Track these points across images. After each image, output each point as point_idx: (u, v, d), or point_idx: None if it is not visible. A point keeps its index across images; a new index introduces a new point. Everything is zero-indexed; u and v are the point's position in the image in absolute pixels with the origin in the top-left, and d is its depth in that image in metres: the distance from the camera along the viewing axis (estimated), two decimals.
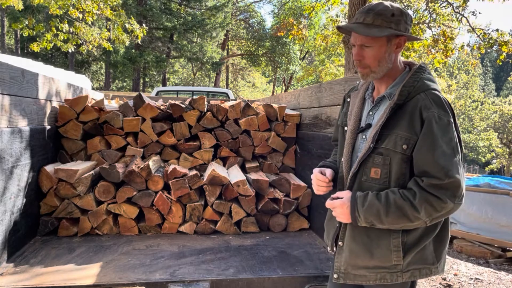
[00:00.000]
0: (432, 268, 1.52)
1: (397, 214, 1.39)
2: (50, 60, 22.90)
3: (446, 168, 1.36)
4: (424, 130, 1.41)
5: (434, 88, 1.49)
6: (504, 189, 6.33)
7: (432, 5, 8.76)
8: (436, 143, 1.38)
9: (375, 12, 1.49)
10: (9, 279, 1.88)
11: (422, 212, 1.37)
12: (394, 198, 1.40)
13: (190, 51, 20.94)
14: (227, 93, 8.63)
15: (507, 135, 24.03)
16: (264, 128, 3.22)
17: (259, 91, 32.95)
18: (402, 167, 1.46)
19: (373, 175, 1.49)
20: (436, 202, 1.36)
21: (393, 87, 1.56)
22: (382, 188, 1.47)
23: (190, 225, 2.76)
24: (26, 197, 2.37)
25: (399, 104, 1.47)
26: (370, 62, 1.52)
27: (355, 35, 1.52)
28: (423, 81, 1.50)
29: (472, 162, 38.84)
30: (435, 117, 1.41)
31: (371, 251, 1.49)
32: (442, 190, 1.36)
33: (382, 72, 1.54)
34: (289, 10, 19.43)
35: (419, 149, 1.41)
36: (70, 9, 7.71)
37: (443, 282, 4.55)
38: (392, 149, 1.45)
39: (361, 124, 1.62)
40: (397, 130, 1.45)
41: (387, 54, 1.52)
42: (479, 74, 38.25)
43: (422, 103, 1.44)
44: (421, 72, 1.53)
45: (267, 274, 2.04)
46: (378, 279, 1.50)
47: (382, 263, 1.49)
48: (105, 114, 2.96)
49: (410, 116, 1.44)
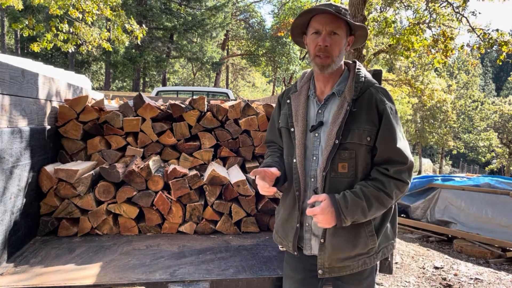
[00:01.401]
0: (393, 243, 1.72)
1: (376, 205, 1.51)
2: (50, 60, 22.91)
3: (406, 153, 1.54)
4: (384, 122, 1.55)
5: (376, 82, 1.66)
6: (504, 189, 6.33)
7: (432, 5, 8.77)
8: (394, 132, 1.54)
9: (340, 6, 1.61)
10: (9, 279, 1.88)
11: (394, 197, 1.52)
12: (370, 191, 1.51)
13: (190, 51, 20.94)
14: (227, 93, 8.63)
15: (507, 135, 24.03)
16: (264, 128, 3.22)
17: (259, 91, 32.95)
18: (367, 158, 1.57)
19: (341, 169, 1.57)
20: (401, 185, 1.52)
21: (340, 84, 1.64)
22: (350, 180, 1.56)
23: (190, 225, 2.76)
24: (26, 197, 2.37)
25: (355, 99, 1.57)
26: (333, 50, 1.57)
27: (325, 20, 1.56)
28: (367, 77, 1.65)
29: (472, 162, 38.84)
30: (389, 109, 1.57)
31: (353, 242, 1.58)
32: (405, 174, 1.52)
33: (338, 65, 1.62)
34: (289, 10, 19.42)
35: (381, 139, 1.54)
36: (70, 9, 7.72)
37: (443, 282, 4.55)
38: (358, 142, 1.55)
39: (311, 123, 1.65)
40: (358, 124, 1.55)
41: (343, 48, 1.62)
42: (479, 74, 38.25)
43: (375, 96, 1.58)
44: (361, 69, 1.66)
45: (267, 274, 2.04)
46: (360, 265, 1.60)
47: (362, 250, 1.59)
48: (105, 114, 2.96)
49: (367, 110, 1.56)
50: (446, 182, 7.24)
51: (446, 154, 36.47)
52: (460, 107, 27.28)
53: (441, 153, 30.45)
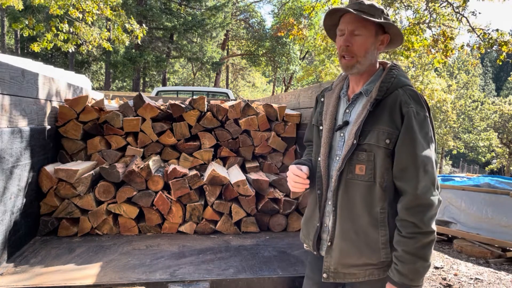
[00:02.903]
0: None
1: (423, 252, 1.40)
2: (50, 60, 22.91)
3: (424, 163, 1.41)
4: (405, 125, 1.44)
5: (410, 84, 1.54)
6: (504, 189, 6.33)
7: (432, 5, 8.76)
8: (415, 137, 1.43)
9: (369, 4, 1.54)
10: (9, 279, 1.88)
11: (430, 226, 1.40)
12: (411, 247, 1.40)
13: (190, 51, 20.94)
14: (227, 93, 8.62)
15: (507, 135, 24.02)
16: (264, 128, 3.22)
17: (259, 91, 32.95)
18: (386, 162, 1.47)
19: (358, 171, 1.50)
20: (428, 210, 1.39)
21: (369, 84, 1.58)
22: (368, 185, 1.48)
23: (190, 225, 2.76)
24: (26, 197, 2.37)
25: (378, 99, 1.50)
26: (358, 50, 1.52)
27: (347, 20, 1.53)
28: (399, 78, 1.55)
29: (472, 162, 38.83)
30: (414, 112, 1.45)
31: (360, 249, 1.50)
32: (429, 192, 1.40)
33: (365, 65, 1.56)
34: (289, 10, 19.43)
35: (400, 144, 1.44)
36: (70, 9, 7.72)
37: (443, 282, 4.55)
38: (375, 144, 1.47)
39: (338, 122, 1.63)
40: (379, 125, 1.47)
41: (373, 47, 1.55)
42: (479, 74, 38.24)
43: (401, 98, 1.47)
44: (395, 70, 1.58)
45: (267, 274, 2.04)
46: (367, 275, 1.52)
47: (371, 260, 1.50)
48: (105, 114, 2.96)
49: (390, 111, 1.47)
50: (446, 182, 7.24)
51: (446, 154, 36.47)
52: (460, 107, 27.25)
53: (441, 153, 30.47)
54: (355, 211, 1.50)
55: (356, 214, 1.50)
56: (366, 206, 1.48)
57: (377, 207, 1.47)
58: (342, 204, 1.53)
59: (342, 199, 1.53)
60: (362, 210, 1.49)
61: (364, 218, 1.48)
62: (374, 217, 1.47)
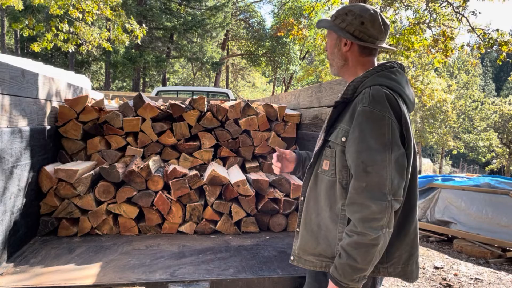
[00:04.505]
0: (384, 268, 1.59)
1: (355, 252, 1.36)
2: (50, 60, 22.90)
3: (365, 164, 1.36)
4: (353, 123, 1.43)
5: (383, 84, 1.47)
6: (504, 189, 6.32)
7: (432, 5, 8.76)
8: (360, 136, 1.39)
9: (335, 10, 1.67)
10: (9, 279, 1.88)
11: (358, 227, 1.36)
12: (346, 242, 1.39)
13: (190, 51, 20.95)
14: (227, 93, 8.62)
15: (507, 135, 24.03)
16: (264, 128, 3.22)
17: (259, 91, 32.94)
18: (343, 159, 1.48)
19: (324, 166, 1.56)
20: (360, 210, 1.36)
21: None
22: (331, 180, 1.52)
23: (190, 225, 2.75)
24: (26, 197, 2.37)
25: (345, 97, 1.55)
26: (328, 53, 1.70)
27: None
28: (375, 77, 1.50)
29: (472, 162, 38.83)
30: (366, 111, 1.40)
31: (317, 240, 1.56)
32: (363, 193, 1.35)
33: (336, 67, 1.68)
34: (289, 10, 19.44)
35: (348, 142, 1.45)
36: (70, 9, 7.72)
37: (443, 282, 4.55)
38: (334, 141, 1.52)
39: None
40: (341, 123, 1.54)
41: (336, 50, 1.64)
42: (479, 74, 38.23)
43: (361, 97, 1.47)
44: (379, 69, 1.54)
45: (267, 274, 2.04)
46: (323, 266, 1.56)
47: (325, 253, 1.55)
48: (105, 114, 2.96)
49: (352, 110, 1.50)
50: (446, 182, 7.24)
51: (446, 154, 36.47)
52: (460, 107, 27.25)
53: (441, 153, 30.46)
54: (320, 205, 1.56)
55: (320, 207, 1.56)
56: (329, 201, 1.53)
57: (338, 203, 1.50)
58: (310, 196, 1.61)
59: (310, 191, 1.61)
60: (325, 205, 1.54)
61: (326, 213, 1.54)
62: (335, 213, 1.51)
